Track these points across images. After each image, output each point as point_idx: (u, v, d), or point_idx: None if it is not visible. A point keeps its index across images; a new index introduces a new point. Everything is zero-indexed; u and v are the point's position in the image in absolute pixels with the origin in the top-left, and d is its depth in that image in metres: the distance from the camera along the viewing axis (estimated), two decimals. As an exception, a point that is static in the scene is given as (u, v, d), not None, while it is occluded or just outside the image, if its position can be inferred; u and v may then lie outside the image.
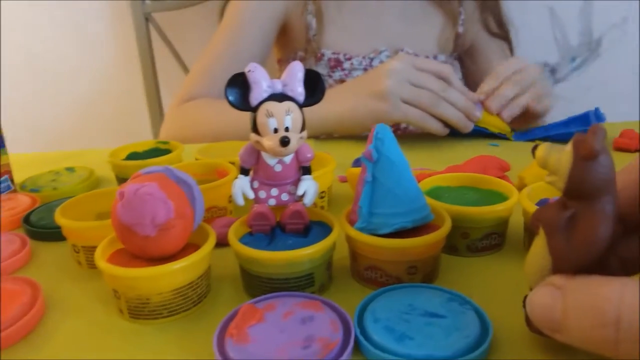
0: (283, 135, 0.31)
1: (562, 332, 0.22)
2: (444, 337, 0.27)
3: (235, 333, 0.28)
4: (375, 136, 0.34)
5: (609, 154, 0.23)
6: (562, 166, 0.23)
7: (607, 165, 0.22)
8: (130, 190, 0.30)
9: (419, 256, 0.33)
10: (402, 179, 0.34)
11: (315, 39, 0.88)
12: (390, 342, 0.27)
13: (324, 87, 0.33)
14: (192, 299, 0.33)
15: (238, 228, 0.35)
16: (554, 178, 0.24)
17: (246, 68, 0.32)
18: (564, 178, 0.23)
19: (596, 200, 0.23)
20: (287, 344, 0.27)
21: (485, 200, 0.40)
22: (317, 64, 0.89)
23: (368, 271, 0.34)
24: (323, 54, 0.88)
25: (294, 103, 0.32)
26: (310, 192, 0.35)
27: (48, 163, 0.65)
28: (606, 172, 0.22)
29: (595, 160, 0.22)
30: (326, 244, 0.32)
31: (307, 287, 0.33)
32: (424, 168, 0.55)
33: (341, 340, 0.28)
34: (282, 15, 0.89)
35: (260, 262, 0.32)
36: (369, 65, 0.88)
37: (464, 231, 0.37)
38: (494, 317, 0.30)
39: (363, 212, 0.34)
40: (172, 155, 0.55)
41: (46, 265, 0.40)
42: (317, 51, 0.88)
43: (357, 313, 0.30)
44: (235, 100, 0.32)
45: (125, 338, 0.31)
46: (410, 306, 0.30)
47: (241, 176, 0.35)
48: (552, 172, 0.24)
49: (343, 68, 0.88)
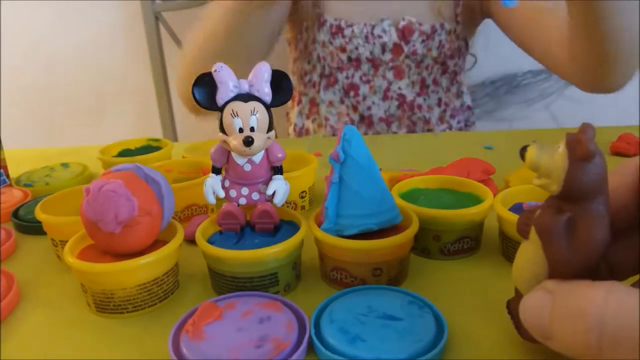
0: (247, 135, 0.31)
1: (551, 338, 0.21)
2: (396, 340, 0.27)
3: (191, 330, 0.28)
4: (343, 137, 0.34)
5: (601, 153, 0.22)
6: (556, 168, 0.22)
7: (602, 165, 0.22)
8: (94, 187, 0.31)
9: (383, 258, 0.33)
10: (369, 181, 0.34)
11: (317, 4, 0.87)
12: (342, 343, 0.27)
13: (291, 87, 0.33)
14: (157, 295, 0.33)
15: (208, 227, 0.36)
16: (546, 181, 0.23)
17: (212, 68, 0.32)
18: (559, 180, 0.22)
19: (592, 202, 0.22)
20: (241, 343, 0.27)
21: (461, 203, 0.39)
22: (319, 30, 0.87)
23: (334, 272, 0.34)
24: (325, 19, 0.86)
25: (260, 103, 0.32)
26: (280, 192, 0.35)
27: (46, 159, 0.67)
28: (601, 173, 0.22)
29: (591, 161, 0.22)
30: (290, 244, 0.33)
31: (271, 286, 0.33)
32: (412, 169, 0.54)
33: (294, 341, 0.28)
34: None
35: (223, 260, 0.32)
36: (369, 33, 0.86)
37: (435, 234, 0.37)
38: (456, 321, 0.30)
39: (329, 213, 0.34)
40: (161, 152, 0.56)
41: (28, 258, 0.41)
42: (321, 17, 0.87)
43: (315, 314, 0.30)
44: (202, 100, 0.32)
45: (88, 331, 0.31)
46: (368, 308, 0.30)
47: (212, 175, 0.35)
48: (544, 174, 0.23)
49: (344, 35, 0.86)
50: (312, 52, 0.90)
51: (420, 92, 0.90)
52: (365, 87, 0.89)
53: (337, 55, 0.87)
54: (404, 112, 0.90)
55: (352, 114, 0.92)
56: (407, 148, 0.69)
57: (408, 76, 0.89)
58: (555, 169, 0.22)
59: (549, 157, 0.22)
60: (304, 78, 0.95)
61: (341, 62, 0.88)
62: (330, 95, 0.91)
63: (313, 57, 0.91)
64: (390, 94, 0.89)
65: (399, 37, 0.85)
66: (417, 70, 0.88)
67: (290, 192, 0.36)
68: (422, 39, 0.86)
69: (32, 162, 0.64)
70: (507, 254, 0.37)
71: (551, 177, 0.22)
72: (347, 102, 0.91)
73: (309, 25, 0.89)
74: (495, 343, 0.28)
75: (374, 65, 0.88)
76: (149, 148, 0.59)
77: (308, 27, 0.89)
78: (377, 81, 0.89)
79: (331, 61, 0.88)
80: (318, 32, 0.88)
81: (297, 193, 0.47)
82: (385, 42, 0.86)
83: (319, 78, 0.92)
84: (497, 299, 0.33)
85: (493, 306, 0.32)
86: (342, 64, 0.88)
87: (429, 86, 0.90)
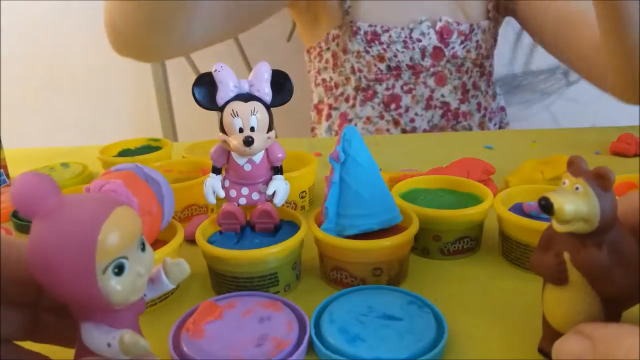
0: (247, 135, 0.31)
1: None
2: (396, 339, 0.27)
3: (192, 328, 0.28)
4: (343, 137, 0.34)
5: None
6: (591, 209, 0.22)
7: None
8: (95, 187, 0.31)
9: (383, 258, 0.33)
10: (369, 181, 0.34)
11: (349, 11, 0.80)
12: (342, 343, 0.27)
13: (292, 87, 0.33)
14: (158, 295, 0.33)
15: (208, 227, 0.36)
16: (583, 225, 0.22)
17: (212, 68, 0.32)
18: (595, 219, 0.22)
19: (616, 227, 0.23)
20: (241, 342, 0.27)
21: (461, 203, 0.39)
22: (353, 40, 0.80)
23: (334, 272, 0.34)
24: (359, 27, 0.79)
25: (260, 103, 0.32)
26: (280, 192, 0.35)
27: (46, 159, 0.67)
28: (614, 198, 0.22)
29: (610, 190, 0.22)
30: (290, 244, 0.33)
31: (271, 286, 0.33)
32: (412, 169, 0.54)
33: (294, 340, 0.28)
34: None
35: (224, 260, 0.32)
36: (408, 37, 0.79)
37: (435, 234, 0.37)
38: (456, 321, 0.30)
39: (329, 213, 0.34)
40: (161, 152, 0.56)
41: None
42: (353, 25, 0.79)
43: (315, 314, 0.30)
44: (202, 100, 0.32)
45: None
46: (369, 308, 0.30)
47: (213, 175, 0.35)
48: (581, 219, 0.22)
49: (381, 42, 0.79)
50: (344, 64, 0.83)
51: (462, 98, 0.85)
52: (407, 97, 0.82)
53: (374, 65, 0.81)
54: (447, 122, 0.85)
55: (392, 129, 0.85)
56: (407, 148, 0.69)
57: (450, 82, 0.83)
58: (592, 210, 0.22)
59: (581, 202, 0.22)
60: (334, 91, 0.88)
61: (380, 72, 0.81)
62: (368, 110, 0.84)
63: (346, 69, 0.83)
64: (434, 103, 0.83)
65: (439, 39, 0.80)
66: (458, 74, 0.83)
67: (290, 192, 0.36)
68: (461, 39, 0.81)
69: (32, 162, 0.64)
70: (507, 254, 0.37)
71: (588, 218, 0.22)
72: (387, 116, 0.84)
73: (339, 33, 0.82)
74: (495, 343, 0.28)
75: (415, 72, 0.81)
76: (149, 148, 0.59)
77: (337, 35, 0.82)
78: (419, 89, 0.82)
79: (368, 72, 0.82)
80: (351, 42, 0.81)
81: (297, 193, 0.47)
82: (425, 46, 0.80)
83: (354, 91, 0.84)
84: (497, 299, 0.33)
85: (493, 306, 0.32)
86: (380, 74, 0.81)
87: (469, 91, 0.85)
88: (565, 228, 0.22)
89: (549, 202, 0.22)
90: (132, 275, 0.20)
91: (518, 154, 0.62)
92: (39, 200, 0.19)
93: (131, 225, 0.20)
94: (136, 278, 0.21)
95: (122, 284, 0.20)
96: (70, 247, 0.19)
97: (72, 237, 0.19)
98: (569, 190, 0.22)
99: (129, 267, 0.20)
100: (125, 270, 0.20)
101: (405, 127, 0.84)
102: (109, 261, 0.19)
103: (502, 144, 0.69)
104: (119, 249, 0.20)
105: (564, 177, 0.23)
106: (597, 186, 0.22)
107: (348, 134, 0.34)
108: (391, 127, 0.85)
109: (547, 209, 0.22)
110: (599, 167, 0.22)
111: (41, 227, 0.19)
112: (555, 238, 0.24)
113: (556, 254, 0.23)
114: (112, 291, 0.20)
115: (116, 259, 0.20)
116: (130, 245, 0.20)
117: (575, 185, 0.22)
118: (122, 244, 0.20)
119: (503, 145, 0.69)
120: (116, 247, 0.19)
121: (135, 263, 0.20)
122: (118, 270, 0.20)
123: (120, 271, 0.20)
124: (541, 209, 0.22)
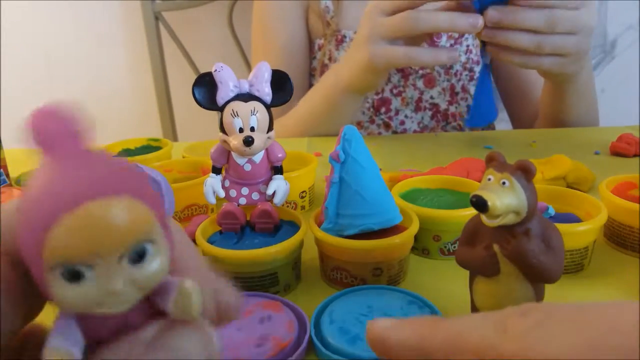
0: (247, 135, 0.31)
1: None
2: (396, 340, 0.27)
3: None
4: (343, 137, 0.34)
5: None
6: (522, 202, 0.23)
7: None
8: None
9: (383, 258, 0.33)
10: (369, 181, 0.34)
11: (333, 21, 0.81)
12: (342, 343, 0.27)
13: (292, 87, 0.33)
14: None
15: (208, 226, 0.36)
16: (514, 217, 0.23)
17: (213, 68, 0.32)
18: (523, 210, 0.23)
19: (536, 214, 0.24)
20: (242, 342, 0.27)
21: (461, 203, 0.39)
22: (339, 48, 0.81)
23: (334, 272, 0.34)
24: (344, 35, 0.80)
25: (261, 103, 0.32)
26: (280, 191, 0.35)
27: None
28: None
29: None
30: (289, 244, 0.33)
31: (271, 286, 0.33)
32: (412, 169, 0.54)
33: (294, 340, 0.28)
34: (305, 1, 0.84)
35: (223, 260, 0.32)
36: None
37: (435, 234, 0.37)
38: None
39: (329, 213, 0.34)
40: (161, 152, 0.56)
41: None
42: (337, 33, 0.80)
43: (315, 314, 0.30)
44: (202, 100, 0.32)
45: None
46: (368, 308, 0.30)
47: (213, 175, 0.35)
48: (513, 212, 0.23)
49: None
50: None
51: (451, 99, 0.86)
52: (397, 100, 0.83)
53: None
54: (437, 123, 0.86)
55: (384, 133, 0.85)
56: (407, 148, 0.69)
57: (439, 83, 0.84)
58: (520, 202, 0.23)
59: (510, 195, 0.23)
60: None
61: None
62: (358, 115, 0.84)
63: None
64: (423, 104, 0.84)
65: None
66: (447, 77, 0.84)
67: (290, 192, 0.36)
68: (450, 43, 0.82)
69: (32, 162, 0.64)
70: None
71: (518, 209, 0.23)
72: (377, 120, 0.85)
73: (325, 44, 0.82)
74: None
75: (404, 75, 0.83)
76: (149, 148, 0.59)
77: (322, 45, 0.83)
78: (409, 92, 0.84)
79: None
80: (337, 50, 0.81)
81: (297, 193, 0.47)
82: None
83: None
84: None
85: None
86: None
87: (458, 93, 0.86)
88: (497, 222, 0.23)
89: (482, 200, 0.22)
90: (98, 290, 0.15)
91: (518, 154, 0.62)
92: (55, 138, 0.16)
93: (109, 229, 0.15)
94: (105, 295, 0.15)
95: (75, 293, 0.15)
96: (29, 217, 0.15)
97: (33, 210, 0.15)
98: (496, 185, 0.23)
99: (93, 278, 0.15)
100: (84, 280, 0.15)
101: (396, 129, 0.85)
102: (55, 263, 0.15)
103: (502, 144, 0.69)
104: (72, 255, 0.14)
105: (487, 174, 0.24)
106: (522, 178, 0.23)
107: (348, 134, 0.34)
108: (382, 131, 0.86)
109: (480, 207, 0.23)
110: (520, 160, 0.23)
111: (39, 171, 0.16)
112: (482, 231, 0.25)
113: (486, 247, 0.24)
114: (59, 295, 0.15)
115: (66, 264, 0.15)
116: (101, 253, 0.15)
117: (502, 180, 0.23)
118: (78, 251, 0.14)
119: (503, 145, 0.69)
120: (67, 252, 0.14)
121: (109, 276, 0.15)
122: (70, 277, 0.15)
123: (75, 278, 0.15)
124: (474, 207, 0.23)
